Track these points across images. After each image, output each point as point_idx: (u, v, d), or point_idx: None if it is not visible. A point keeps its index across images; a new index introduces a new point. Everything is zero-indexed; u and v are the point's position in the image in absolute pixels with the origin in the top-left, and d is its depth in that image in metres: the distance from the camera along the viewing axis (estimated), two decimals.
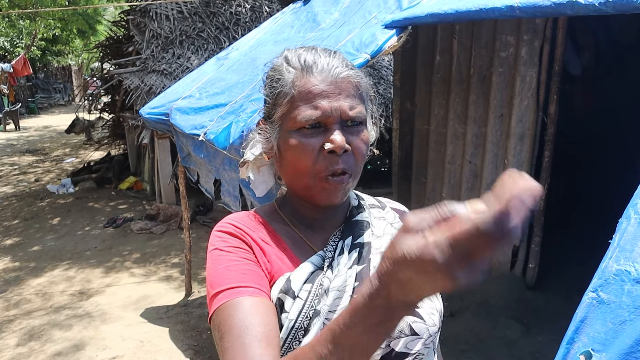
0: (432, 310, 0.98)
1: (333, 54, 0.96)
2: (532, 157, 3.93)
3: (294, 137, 0.92)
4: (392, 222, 1.09)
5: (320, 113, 0.90)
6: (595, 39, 4.99)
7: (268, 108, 0.99)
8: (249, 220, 1.01)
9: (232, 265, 0.91)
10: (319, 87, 0.91)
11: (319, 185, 0.93)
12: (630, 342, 0.86)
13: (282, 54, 0.99)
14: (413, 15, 2.51)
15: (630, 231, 1.00)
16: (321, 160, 0.91)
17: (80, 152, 11.48)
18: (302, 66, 0.93)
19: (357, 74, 0.95)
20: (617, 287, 0.94)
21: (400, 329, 0.93)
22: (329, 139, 0.90)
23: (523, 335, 3.55)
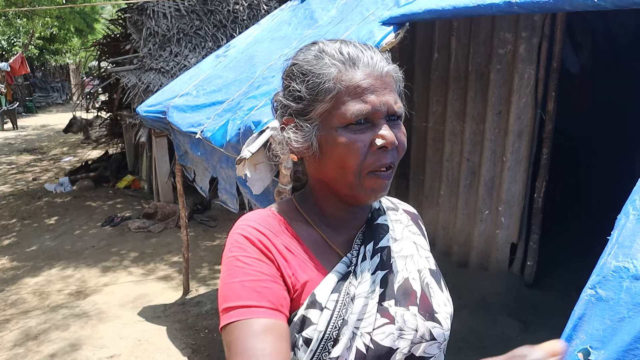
0: (447, 315, 0.99)
1: (370, 47, 0.93)
2: (530, 155, 3.92)
3: (342, 134, 0.88)
4: (407, 225, 1.09)
5: (371, 107, 0.87)
6: (594, 37, 4.98)
7: (304, 105, 0.92)
8: (272, 222, 0.96)
9: (248, 281, 0.86)
10: (366, 81, 0.88)
11: (365, 182, 0.91)
12: (629, 339, 0.85)
13: (314, 47, 0.94)
14: (410, 11, 2.50)
15: (629, 227, 0.99)
16: (370, 156, 0.89)
17: (78, 151, 11.45)
18: (346, 59, 0.89)
19: (396, 69, 0.94)
20: (616, 283, 0.94)
21: (421, 335, 0.93)
22: (379, 134, 0.88)
23: (521, 333, 3.54)
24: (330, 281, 0.91)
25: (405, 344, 0.90)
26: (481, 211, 4.17)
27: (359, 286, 0.91)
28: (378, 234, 0.99)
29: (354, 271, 0.93)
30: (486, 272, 4.16)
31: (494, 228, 4.15)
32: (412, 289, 0.96)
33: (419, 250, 1.05)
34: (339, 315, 0.88)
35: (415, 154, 4.52)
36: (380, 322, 0.90)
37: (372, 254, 0.96)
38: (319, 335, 0.87)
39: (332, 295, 0.89)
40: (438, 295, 1.00)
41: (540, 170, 3.90)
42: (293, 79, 0.94)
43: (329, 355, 0.87)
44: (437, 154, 4.39)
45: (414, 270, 0.99)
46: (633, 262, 0.93)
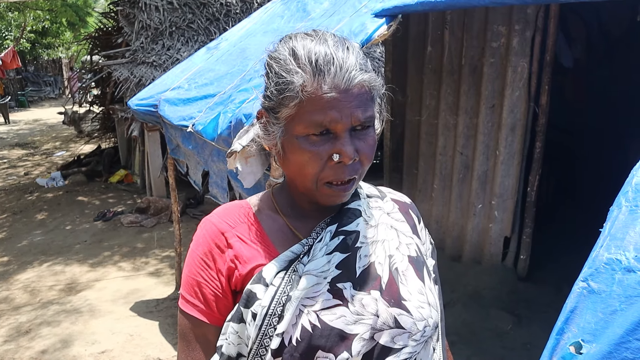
0: (422, 303, 0.96)
1: (346, 49, 0.87)
2: (524, 148, 3.92)
3: (300, 143, 0.87)
4: (390, 212, 1.07)
5: (330, 120, 0.84)
6: (587, 31, 4.97)
7: (273, 103, 0.90)
8: (235, 214, 1.00)
9: (191, 278, 0.97)
10: (331, 94, 0.84)
11: (321, 190, 0.90)
12: (621, 332, 0.84)
13: (287, 43, 0.90)
14: (403, 3, 2.48)
15: (621, 219, 0.98)
16: (328, 168, 0.88)
17: (71, 145, 11.38)
18: (314, 68, 0.85)
19: (371, 77, 0.88)
20: (608, 276, 0.92)
21: (384, 321, 0.91)
22: (337, 149, 0.86)
23: (514, 327, 3.55)
24: (281, 260, 0.93)
25: (364, 328, 0.89)
26: (474, 205, 4.17)
27: (309, 264, 0.92)
28: (347, 218, 0.98)
29: (307, 251, 0.94)
30: (479, 266, 4.17)
31: (487, 222, 4.15)
32: (377, 274, 0.95)
33: (400, 236, 1.03)
34: (284, 291, 0.90)
35: (409, 147, 4.50)
36: (331, 303, 0.89)
37: (332, 236, 0.95)
38: (262, 310, 0.89)
39: (280, 273, 0.92)
40: (412, 282, 0.97)
41: (534, 164, 3.90)
42: (267, 74, 0.92)
43: (275, 332, 0.88)
44: (430, 148, 4.38)
45: (382, 256, 0.97)
46: (625, 254, 0.91)
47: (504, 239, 4.13)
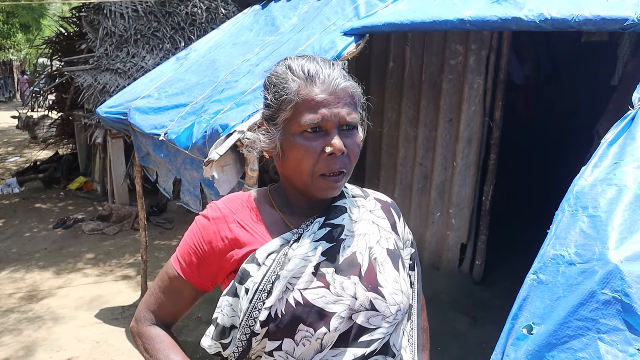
0: (396, 290, 1.11)
1: (332, 65, 1.08)
2: (479, 160, 4.16)
3: (297, 139, 1.04)
4: (372, 209, 1.22)
5: (321, 118, 1.02)
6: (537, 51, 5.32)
7: (272, 112, 1.08)
8: (237, 203, 1.16)
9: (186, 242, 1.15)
10: (320, 95, 1.02)
11: (317, 182, 1.06)
12: (564, 314, 1.01)
13: (284, 63, 1.09)
14: (371, 24, 2.66)
15: (564, 222, 1.16)
16: (321, 161, 1.04)
17: (25, 151, 11.06)
18: (306, 76, 1.04)
19: (353, 85, 1.08)
20: (554, 269, 1.10)
21: (361, 303, 1.06)
22: (329, 142, 1.03)
23: (470, 328, 3.76)
24: (273, 244, 1.08)
25: (342, 308, 1.04)
26: (433, 213, 4.39)
27: (297, 249, 1.07)
28: (334, 213, 1.14)
29: (298, 239, 1.09)
30: (438, 272, 4.38)
31: (445, 229, 4.37)
32: (357, 262, 1.10)
33: (380, 231, 1.19)
34: (274, 271, 1.05)
35: (371, 158, 4.69)
36: (315, 284, 1.05)
37: (320, 226, 1.11)
38: (254, 285, 1.04)
39: (271, 255, 1.07)
40: (389, 272, 1.13)
41: (488, 175, 4.16)
42: (266, 88, 1.11)
43: (264, 305, 1.03)
44: (391, 159, 4.58)
45: (363, 247, 1.13)
46: (568, 250, 1.09)
47: (460, 245, 4.36)
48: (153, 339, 1.16)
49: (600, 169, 1.23)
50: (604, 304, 0.98)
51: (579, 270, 1.05)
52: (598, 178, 1.20)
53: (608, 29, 1.78)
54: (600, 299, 0.98)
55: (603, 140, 1.33)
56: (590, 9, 1.81)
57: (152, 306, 1.18)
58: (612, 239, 1.05)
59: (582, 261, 1.05)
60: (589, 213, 1.13)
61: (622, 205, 1.10)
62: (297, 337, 1.03)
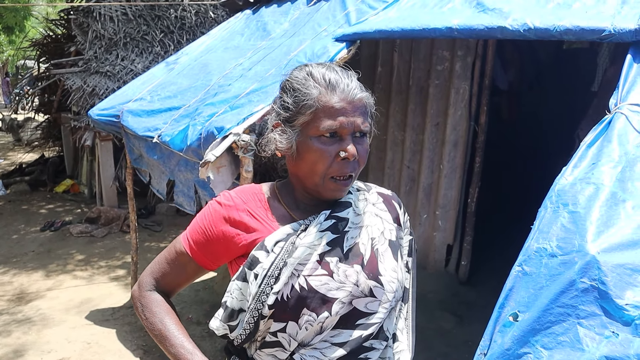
0: (393, 279, 1.20)
1: (349, 75, 1.15)
2: (465, 163, 4.28)
3: (314, 142, 1.12)
4: (375, 202, 1.31)
5: (339, 125, 1.10)
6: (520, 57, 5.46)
7: (290, 114, 1.15)
8: (249, 194, 1.24)
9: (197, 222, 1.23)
10: (340, 104, 1.11)
11: (327, 184, 1.14)
12: (546, 302, 1.11)
13: (305, 69, 1.17)
14: (362, 30, 2.74)
15: (547, 217, 1.25)
16: (335, 164, 1.12)
17: (9, 154, 10.97)
18: (327, 84, 1.12)
19: (367, 96, 1.17)
20: (537, 261, 1.19)
21: (362, 289, 1.15)
22: (344, 148, 1.11)
23: (456, 326, 3.86)
24: (280, 232, 1.16)
25: (344, 294, 1.13)
26: (420, 215, 4.49)
27: (304, 238, 1.15)
28: (340, 207, 1.22)
29: (305, 229, 1.18)
30: (425, 272, 4.47)
31: (431, 231, 4.48)
32: (360, 252, 1.19)
33: (384, 223, 1.28)
34: (282, 258, 1.12)
35: None
36: (318, 272, 1.13)
37: (326, 218, 1.19)
38: (263, 271, 1.12)
39: (279, 243, 1.14)
40: (388, 262, 1.22)
41: (474, 178, 4.27)
42: (285, 92, 1.18)
43: (272, 290, 1.11)
44: (379, 162, 4.67)
45: (365, 238, 1.22)
46: (550, 243, 1.18)
47: (447, 246, 4.47)
48: (151, 303, 1.26)
49: (580, 169, 1.33)
50: (583, 292, 1.07)
51: (560, 261, 1.14)
52: (578, 177, 1.30)
53: (587, 39, 1.88)
54: (580, 287, 1.08)
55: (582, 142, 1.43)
56: (571, 20, 1.91)
57: (156, 274, 1.28)
58: (590, 232, 1.14)
59: (563, 253, 1.15)
60: (569, 209, 1.22)
61: (599, 202, 1.20)
62: (301, 321, 1.11)
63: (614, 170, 1.25)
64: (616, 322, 1.01)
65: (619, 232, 1.13)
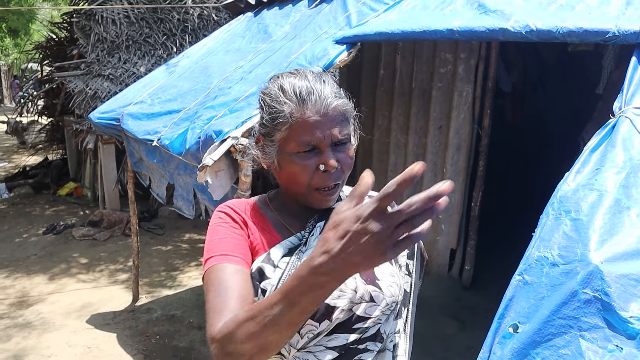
0: (392, 283, 1.17)
1: (323, 82, 1.11)
2: (468, 166, 4.23)
3: (293, 158, 1.10)
4: None
5: (315, 140, 1.08)
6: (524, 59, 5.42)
7: (268, 129, 1.14)
8: (245, 205, 1.22)
9: (226, 237, 1.13)
10: (313, 118, 1.07)
11: (312, 195, 1.13)
12: (548, 313, 1.06)
13: (276, 82, 1.13)
14: (363, 32, 2.71)
15: (549, 225, 1.21)
16: (316, 177, 1.10)
17: (14, 156, 10.99)
18: (298, 99, 1.08)
19: (344, 102, 1.12)
20: (538, 270, 1.15)
21: (361, 295, 1.12)
22: (323, 160, 1.09)
23: (459, 332, 3.81)
24: (284, 246, 1.14)
25: (344, 302, 1.10)
26: None
27: (307, 252, 1.13)
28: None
29: (305, 242, 1.15)
30: (427, 276, 4.41)
31: (434, 235, 4.43)
32: None
33: None
34: (288, 274, 1.09)
35: (361, 165, 4.74)
36: None
37: (322, 230, 1.16)
38: (271, 288, 1.08)
39: (284, 258, 1.12)
40: (385, 266, 1.19)
41: (477, 181, 4.22)
42: (262, 107, 1.17)
43: None
44: (382, 165, 4.64)
45: None
46: (551, 252, 1.14)
47: (450, 250, 4.42)
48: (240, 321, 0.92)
49: (583, 174, 1.29)
50: (585, 303, 1.03)
51: (562, 271, 1.10)
52: (580, 183, 1.26)
53: (590, 40, 1.84)
54: (582, 298, 1.04)
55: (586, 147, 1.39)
56: (574, 22, 1.88)
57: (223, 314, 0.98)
58: (593, 241, 1.10)
59: (564, 262, 1.11)
60: (572, 217, 1.18)
61: (603, 209, 1.16)
62: (303, 331, 1.08)
63: (618, 177, 1.21)
64: (620, 335, 0.97)
65: (623, 241, 1.09)
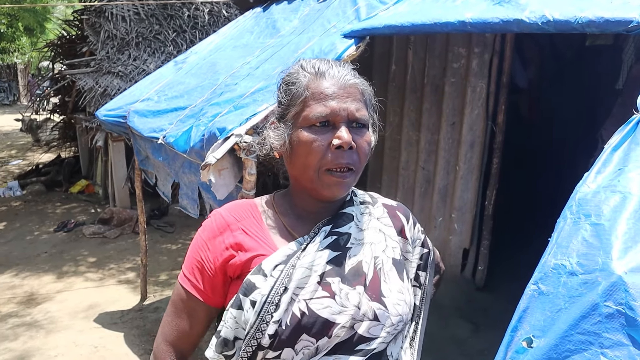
0: (399, 301, 1.08)
1: (343, 65, 1.08)
2: (482, 164, 4.12)
3: (305, 133, 1.02)
4: (379, 217, 1.19)
5: (330, 111, 1.01)
6: (541, 53, 5.27)
7: (282, 109, 1.09)
8: (243, 209, 1.14)
9: (193, 257, 1.11)
10: (330, 89, 1.03)
11: (323, 178, 1.03)
12: (565, 327, 0.97)
13: (297, 62, 1.11)
14: (371, 26, 2.62)
15: (566, 230, 1.11)
16: (329, 154, 1.01)
17: (28, 154, 11.07)
18: (316, 72, 1.06)
19: (363, 83, 1.08)
20: (555, 279, 1.05)
21: (364, 313, 1.03)
22: (337, 135, 1.01)
23: (472, 334, 3.71)
24: (279, 254, 1.05)
25: (346, 318, 1.01)
26: (435, 218, 4.34)
27: (303, 258, 1.04)
28: (341, 221, 1.11)
29: (304, 248, 1.06)
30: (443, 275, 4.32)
31: (447, 234, 4.32)
32: (363, 272, 1.07)
33: (387, 240, 1.15)
34: (282, 283, 1.01)
35: (373, 162, 4.65)
36: (320, 294, 1.02)
37: (326, 235, 1.08)
38: (262, 298, 1.00)
39: (279, 266, 1.03)
40: (393, 282, 1.10)
41: (491, 179, 4.10)
42: (279, 88, 1.11)
43: (272, 319, 0.99)
44: (393, 163, 4.54)
45: (369, 256, 1.10)
46: (569, 260, 1.05)
47: (463, 250, 4.31)
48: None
49: (604, 175, 1.18)
50: (607, 317, 0.93)
51: (581, 281, 1.00)
52: (601, 185, 1.16)
53: (612, 30, 1.73)
54: (604, 312, 0.94)
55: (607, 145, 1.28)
56: (594, 11, 1.77)
57: (169, 336, 1.12)
58: (615, 248, 1.00)
59: (584, 272, 1.01)
60: (592, 221, 1.08)
61: (627, 213, 1.05)
62: (298, 346, 1.00)
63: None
64: None
65: None
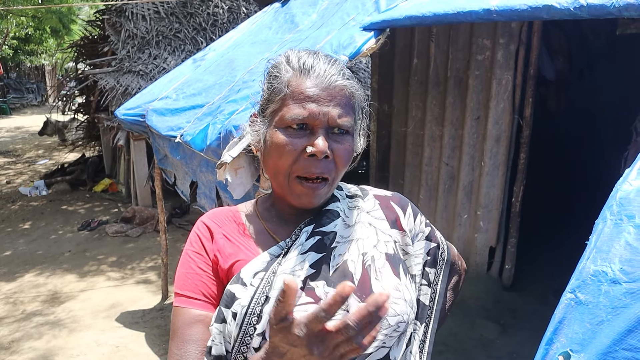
0: (397, 299, 0.99)
1: (333, 61, 0.97)
2: (508, 159, 3.98)
3: (280, 133, 0.94)
4: (370, 210, 1.10)
5: (308, 114, 0.92)
6: (569, 44, 5.08)
7: (263, 103, 1.00)
8: (224, 215, 1.07)
9: (190, 273, 1.00)
10: (311, 90, 0.93)
11: (293, 186, 0.95)
12: (608, 342, 0.87)
13: (284, 54, 1.01)
14: (391, 17, 2.52)
15: (607, 232, 1.01)
16: (301, 161, 0.93)
17: (54, 153, 11.25)
18: (300, 68, 0.95)
19: (352, 85, 0.97)
20: (595, 287, 0.95)
21: None
22: (312, 142, 0.92)
23: (500, 336, 3.58)
24: (259, 261, 0.97)
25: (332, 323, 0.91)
26: (460, 215, 4.22)
27: (284, 264, 0.96)
28: (325, 219, 1.02)
29: (285, 252, 0.98)
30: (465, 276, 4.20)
31: (472, 232, 4.20)
32: (349, 272, 0.98)
33: (378, 234, 1.06)
34: (262, 292, 0.93)
35: (395, 158, 4.54)
36: (303, 300, 0.93)
37: (308, 236, 1.00)
38: (242, 309, 0.92)
39: (259, 274, 0.95)
40: (387, 279, 1.00)
41: (518, 175, 3.96)
42: (264, 79, 1.03)
43: (256, 331, 0.91)
44: (416, 159, 4.42)
45: (355, 254, 1.01)
46: (611, 266, 0.94)
47: (489, 249, 4.18)
48: None
49: None
50: None
51: (626, 290, 0.90)
52: None
53: None
54: None
55: None
56: None
57: None
58: None
59: (629, 280, 0.90)
60: (636, 223, 0.97)
61: None
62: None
63: None
64: None
65: None
